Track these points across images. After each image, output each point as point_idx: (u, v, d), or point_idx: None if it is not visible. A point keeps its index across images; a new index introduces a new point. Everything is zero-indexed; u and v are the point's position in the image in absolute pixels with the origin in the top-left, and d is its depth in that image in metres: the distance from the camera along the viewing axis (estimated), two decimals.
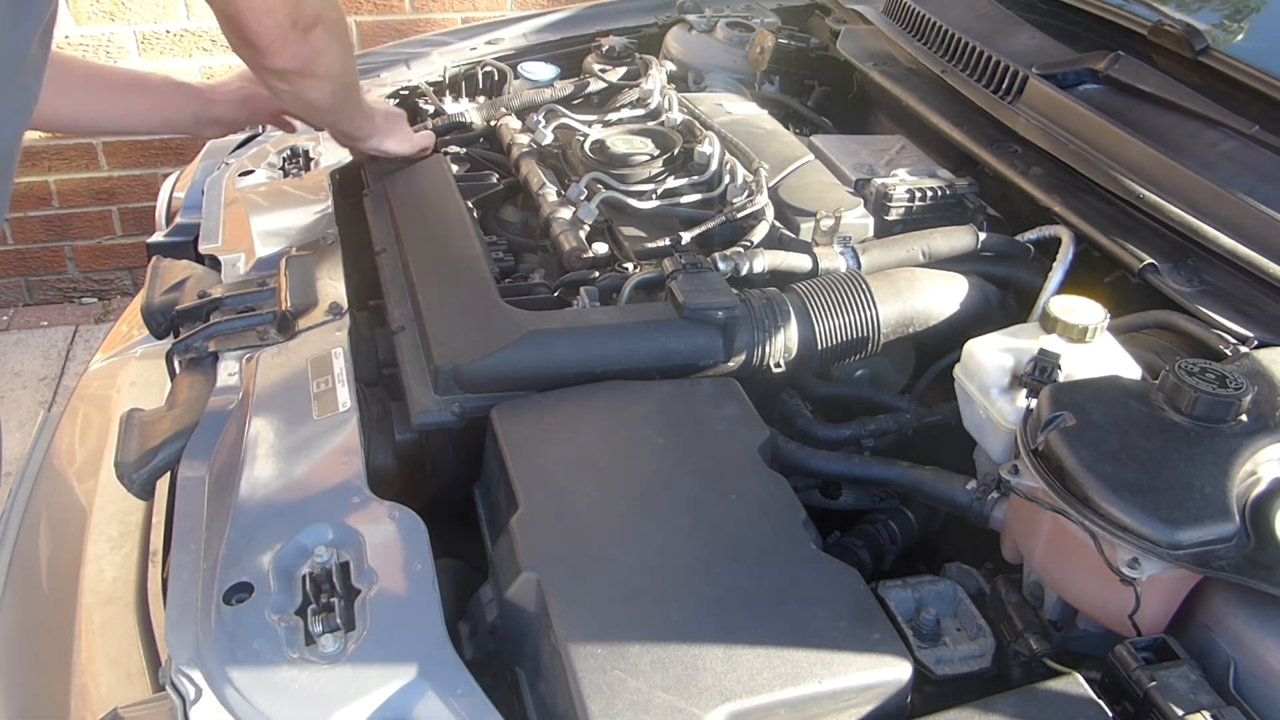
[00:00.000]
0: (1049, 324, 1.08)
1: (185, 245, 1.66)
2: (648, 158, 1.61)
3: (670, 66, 2.06)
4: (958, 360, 1.12)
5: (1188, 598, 0.89)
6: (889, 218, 1.53)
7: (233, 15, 1.18)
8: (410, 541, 0.93)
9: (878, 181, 1.56)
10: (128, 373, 1.64)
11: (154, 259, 1.44)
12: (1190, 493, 0.86)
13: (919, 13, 1.89)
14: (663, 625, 0.84)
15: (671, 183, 1.56)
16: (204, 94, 1.49)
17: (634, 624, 0.84)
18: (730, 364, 1.23)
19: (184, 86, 1.49)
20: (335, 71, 1.31)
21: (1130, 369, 1.07)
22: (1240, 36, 1.53)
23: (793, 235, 1.47)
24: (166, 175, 1.97)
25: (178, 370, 1.25)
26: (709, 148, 1.60)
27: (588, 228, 1.49)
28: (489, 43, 2.17)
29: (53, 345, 3.42)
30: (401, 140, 1.60)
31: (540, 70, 2.02)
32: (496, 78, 2.02)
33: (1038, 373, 1.02)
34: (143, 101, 1.43)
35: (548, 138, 1.72)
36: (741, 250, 1.38)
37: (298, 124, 1.82)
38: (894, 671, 0.83)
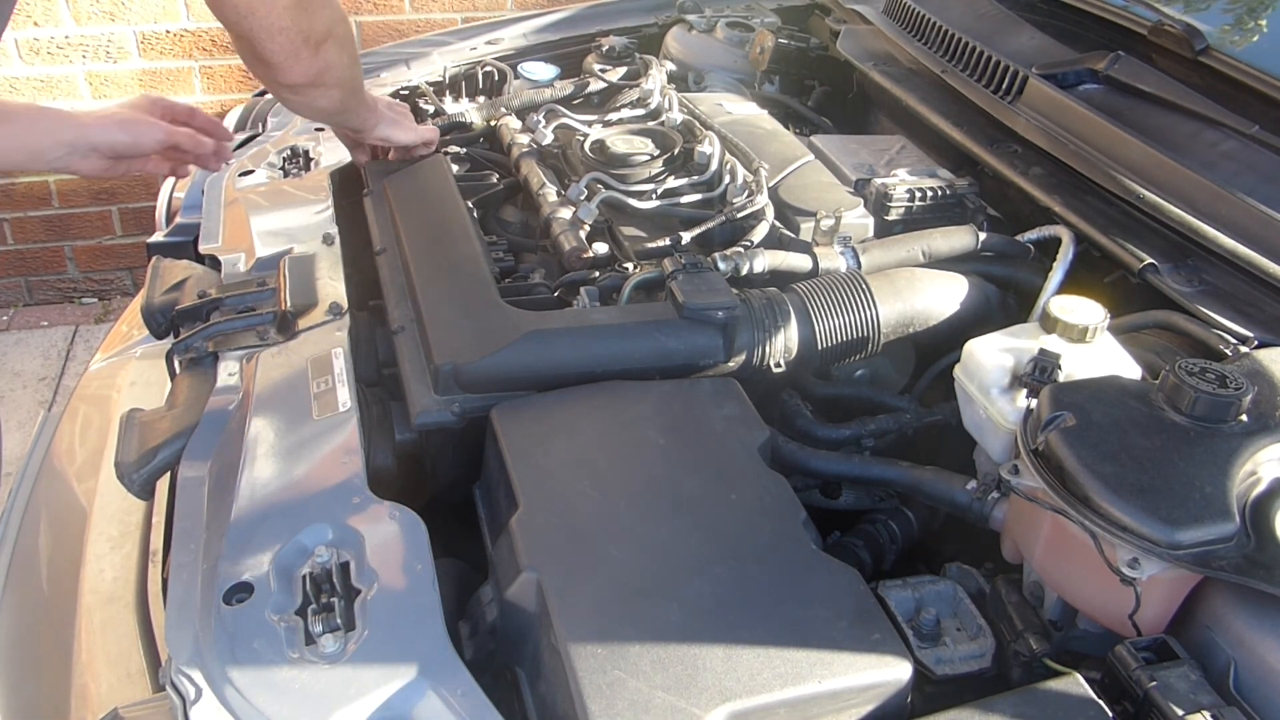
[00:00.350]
0: (1049, 324, 1.08)
1: (185, 245, 1.66)
2: (648, 158, 1.61)
3: (670, 66, 2.06)
4: (958, 360, 1.12)
5: (1188, 598, 0.89)
6: (889, 218, 1.53)
7: (245, 34, 1.20)
8: (410, 541, 0.93)
9: (878, 181, 1.56)
10: (128, 373, 1.64)
11: (154, 259, 1.44)
12: (1190, 493, 0.86)
13: (919, 13, 1.89)
14: (663, 625, 0.84)
15: (671, 183, 1.56)
16: (78, 120, 1.29)
17: (634, 624, 0.84)
18: (730, 364, 1.23)
19: (54, 112, 1.28)
20: (345, 80, 1.35)
21: (1130, 369, 1.07)
22: (1240, 37, 1.53)
23: (793, 235, 1.47)
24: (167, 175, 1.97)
25: (178, 370, 1.25)
26: (709, 148, 1.60)
27: (588, 228, 1.49)
28: (489, 43, 2.17)
29: (53, 345, 3.42)
30: (406, 130, 1.60)
31: (540, 70, 2.02)
32: (496, 78, 2.02)
33: (1038, 373, 1.02)
34: (3, 130, 1.22)
35: (548, 138, 1.72)
36: (741, 250, 1.38)
37: (300, 123, 1.81)
38: (894, 671, 0.83)
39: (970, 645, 0.95)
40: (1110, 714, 0.80)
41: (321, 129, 1.79)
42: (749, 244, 1.41)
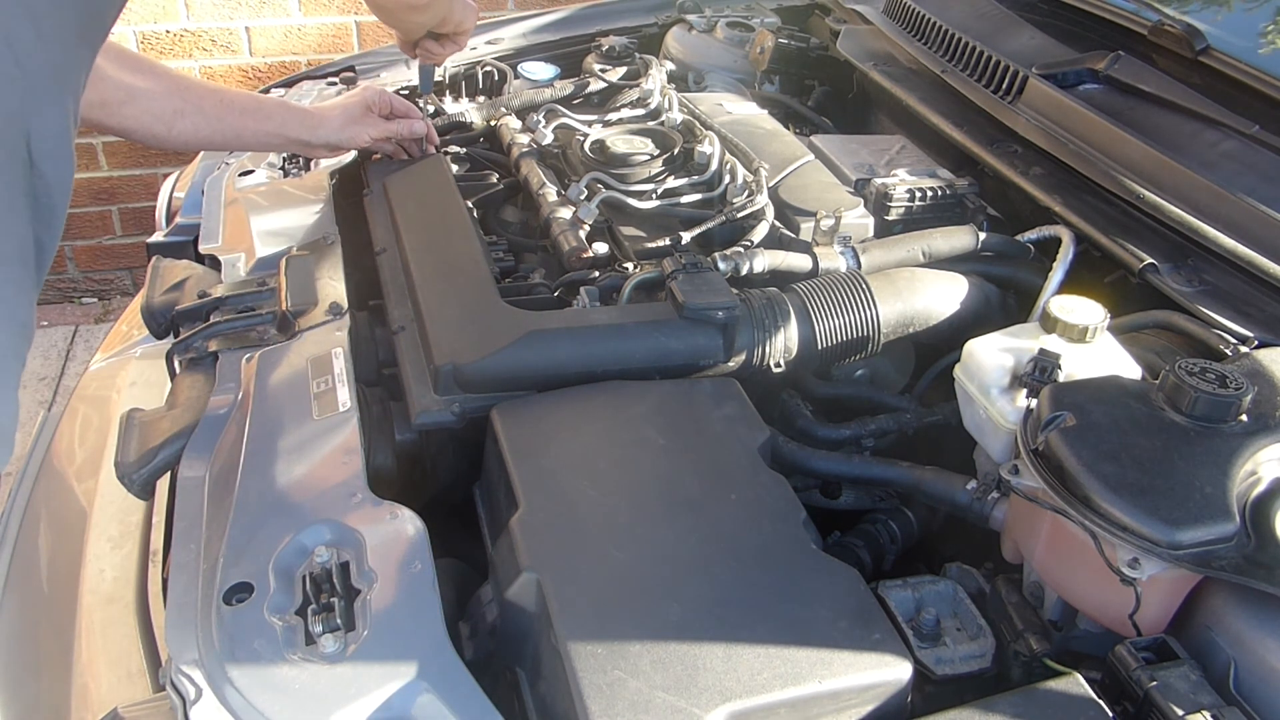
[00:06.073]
0: (1049, 324, 1.08)
1: (185, 245, 1.66)
2: (648, 158, 1.61)
3: (670, 66, 2.06)
4: (958, 360, 1.12)
5: (1188, 598, 0.89)
6: (889, 218, 1.53)
7: None
8: (410, 541, 0.93)
9: (878, 181, 1.56)
10: (128, 373, 1.64)
11: (154, 259, 1.44)
12: (1190, 493, 0.86)
13: (919, 13, 1.89)
14: (663, 625, 0.84)
15: (671, 183, 1.56)
16: (312, 123, 1.55)
17: (634, 624, 0.84)
18: (730, 364, 1.23)
19: (296, 112, 1.56)
20: None
21: (1130, 369, 1.07)
22: (1240, 37, 1.53)
23: (793, 235, 1.47)
24: (166, 175, 1.97)
25: (178, 370, 1.25)
26: (709, 148, 1.60)
27: (588, 228, 1.49)
28: (489, 43, 2.17)
29: (53, 345, 3.42)
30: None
31: (540, 70, 2.02)
32: (496, 78, 2.02)
33: (1038, 373, 1.02)
34: (257, 126, 1.50)
35: (548, 138, 1.72)
36: (741, 250, 1.38)
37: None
38: (894, 671, 0.83)
39: (970, 645, 0.95)
40: (1110, 714, 0.80)
41: None
42: (749, 244, 1.41)
